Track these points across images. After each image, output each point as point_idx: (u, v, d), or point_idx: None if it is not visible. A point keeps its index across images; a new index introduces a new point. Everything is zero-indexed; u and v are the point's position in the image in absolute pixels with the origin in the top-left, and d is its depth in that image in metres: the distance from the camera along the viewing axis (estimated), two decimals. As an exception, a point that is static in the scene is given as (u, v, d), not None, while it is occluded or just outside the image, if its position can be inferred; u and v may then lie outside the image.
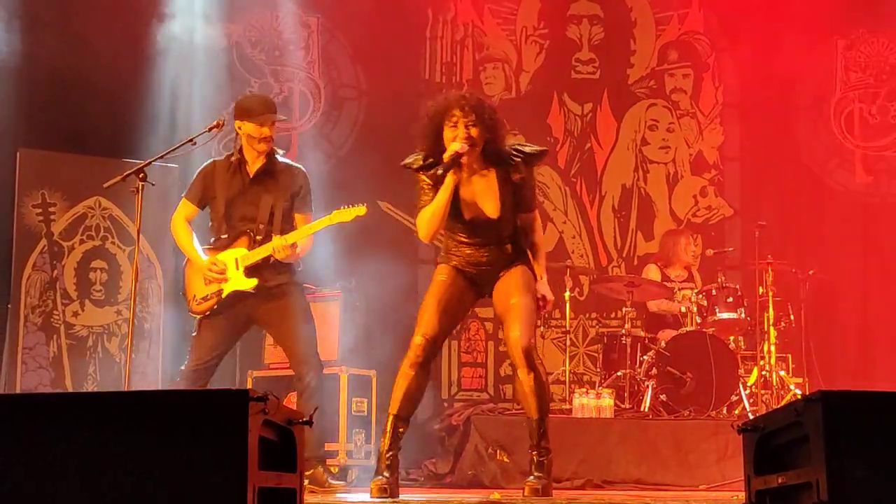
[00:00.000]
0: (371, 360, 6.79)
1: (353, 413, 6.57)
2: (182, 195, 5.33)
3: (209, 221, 5.27)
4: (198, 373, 5.11)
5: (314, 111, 8.56)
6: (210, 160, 5.34)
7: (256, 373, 6.68)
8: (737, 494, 4.14)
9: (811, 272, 7.54)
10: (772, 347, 7.22)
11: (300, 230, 5.15)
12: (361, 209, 5.09)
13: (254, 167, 5.15)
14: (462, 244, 4.39)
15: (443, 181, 4.19)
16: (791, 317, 7.42)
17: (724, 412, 6.94)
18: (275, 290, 5.15)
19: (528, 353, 4.25)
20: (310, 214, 5.25)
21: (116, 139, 7.26)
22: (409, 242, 8.44)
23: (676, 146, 8.87)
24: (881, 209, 8.57)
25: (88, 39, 7.23)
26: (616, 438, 6.35)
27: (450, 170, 4.16)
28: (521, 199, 4.37)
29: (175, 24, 7.71)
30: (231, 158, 5.17)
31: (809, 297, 7.61)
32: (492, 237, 4.37)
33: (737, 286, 7.40)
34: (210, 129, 5.21)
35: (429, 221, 4.28)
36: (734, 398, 7.04)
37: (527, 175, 4.35)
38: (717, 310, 7.22)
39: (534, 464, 4.34)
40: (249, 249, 5.11)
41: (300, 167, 5.35)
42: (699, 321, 7.25)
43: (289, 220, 5.18)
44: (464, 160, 4.19)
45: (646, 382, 7.08)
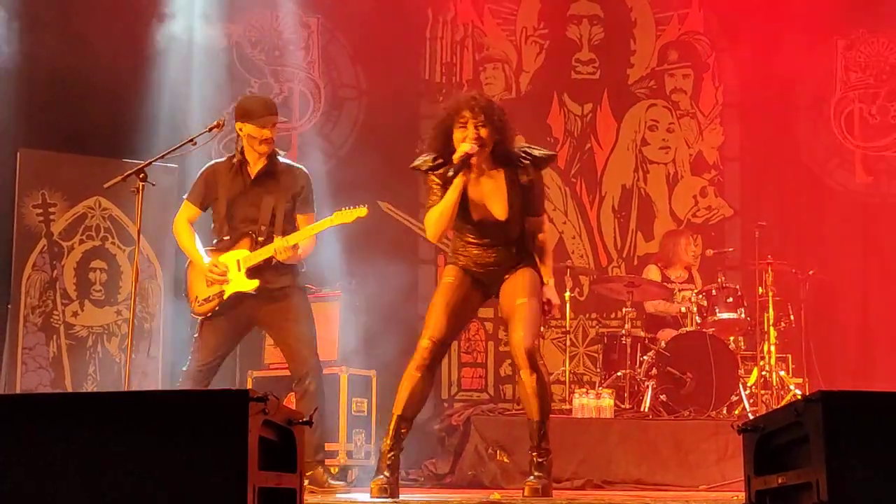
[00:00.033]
0: (371, 361, 6.79)
1: (353, 413, 6.56)
2: (183, 197, 5.33)
3: (211, 223, 5.27)
4: (200, 374, 5.11)
5: (314, 111, 8.56)
6: (212, 162, 5.35)
7: (256, 373, 6.68)
8: (737, 495, 4.14)
9: (811, 272, 7.53)
10: (772, 347, 7.22)
11: (302, 231, 5.15)
12: (363, 210, 5.09)
13: (255, 168, 5.15)
14: (470, 244, 4.41)
15: (452, 182, 4.20)
16: (791, 317, 7.42)
17: (724, 412, 6.94)
18: (276, 292, 5.15)
19: (531, 355, 4.25)
20: (312, 215, 5.25)
21: (116, 139, 7.26)
22: (409, 242, 8.45)
23: (676, 146, 8.86)
24: (881, 209, 8.56)
25: (88, 39, 7.23)
26: (616, 439, 6.35)
27: (460, 171, 4.17)
28: (529, 202, 4.38)
29: (175, 24, 7.71)
30: (233, 160, 5.17)
31: (809, 297, 7.61)
32: (500, 238, 4.38)
33: (737, 286, 7.40)
34: (210, 130, 5.21)
35: (437, 221, 4.29)
36: (734, 398, 7.04)
37: (535, 178, 4.36)
38: (717, 310, 7.22)
39: (534, 464, 4.34)
40: (251, 251, 5.11)
41: (302, 168, 5.35)
42: (699, 321, 7.25)
43: (291, 221, 5.18)
44: (473, 161, 4.20)
45: (646, 383, 7.08)
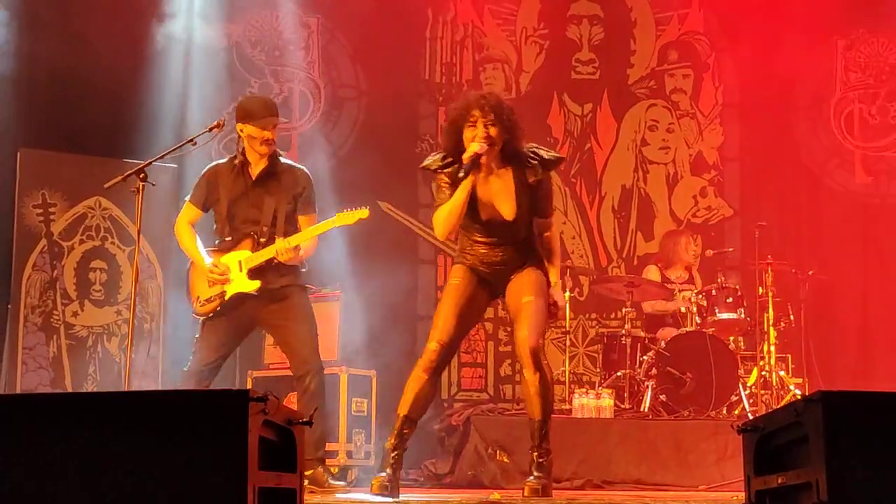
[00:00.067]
0: (371, 361, 6.79)
1: (353, 413, 6.56)
2: (185, 198, 5.33)
3: (213, 224, 5.27)
4: (201, 374, 5.11)
5: (314, 111, 8.56)
6: (213, 163, 5.35)
7: (256, 373, 6.68)
8: (737, 495, 4.14)
9: (811, 272, 7.53)
10: (772, 348, 7.21)
11: (303, 232, 5.15)
12: (364, 212, 5.09)
13: (256, 169, 5.15)
14: (477, 243, 4.41)
15: (461, 180, 4.21)
16: (791, 317, 7.41)
17: (724, 412, 6.94)
18: (278, 293, 5.15)
19: (536, 354, 4.26)
20: (313, 215, 5.24)
21: (116, 139, 7.26)
22: (409, 242, 8.45)
23: (676, 146, 8.86)
24: (881, 209, 8.56)
25: (88, 39, 7.23)
26: (616, 439, 6.34)
27: (470, 171, 4.17)
28: (538, 203, 4.38)
29: (175, 24, 7.71)
30: (234, 161, 5.17)
31: (809, 298, 7.60)
32: (507, 238, 4.38)
33: (737, 286, 7.40)
34: (210, 130, 5.21)
35: (445, 220, 4.29)
36: (734, 398, 7.04)
37: (544, 178, 4.36)
38: (717, 310, 7.22)
39: (534, 464, 4.34)
40: (253, 252, 5.11)
41: (303, 168, 5.34)
42: (699, 321, 7.24)
43: (292, 222, 5.18)
44: (483, 160, 4.21)
45: (646, 383, 7.08)
